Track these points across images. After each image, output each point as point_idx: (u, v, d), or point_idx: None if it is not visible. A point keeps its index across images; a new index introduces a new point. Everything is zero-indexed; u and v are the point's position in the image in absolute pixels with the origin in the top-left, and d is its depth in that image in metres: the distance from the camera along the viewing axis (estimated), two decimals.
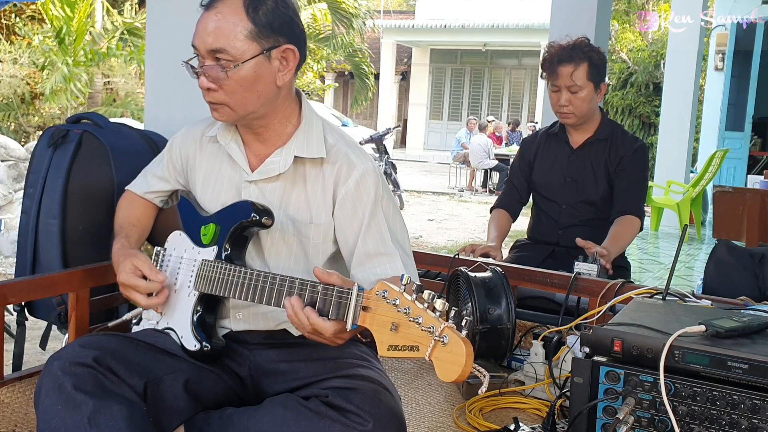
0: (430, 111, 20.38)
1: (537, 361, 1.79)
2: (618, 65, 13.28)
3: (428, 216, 9.17)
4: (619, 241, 2.34)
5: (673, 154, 7.75)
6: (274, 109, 1.43)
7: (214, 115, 1.43)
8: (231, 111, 1.39)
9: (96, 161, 1.95)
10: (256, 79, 1.37)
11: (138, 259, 1.43)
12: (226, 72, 1.35)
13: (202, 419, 1.37)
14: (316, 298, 1.21)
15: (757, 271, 2.03)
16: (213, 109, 1.41)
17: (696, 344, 1.22)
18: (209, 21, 1.35)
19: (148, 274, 1.41)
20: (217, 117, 1.43)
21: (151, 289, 1.41)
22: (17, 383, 1.60)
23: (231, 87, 1.36)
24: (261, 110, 1.41)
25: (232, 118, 1.42)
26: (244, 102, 1.38)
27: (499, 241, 2.50)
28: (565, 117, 2.47)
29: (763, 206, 3.69)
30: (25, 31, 10.28)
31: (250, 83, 1.37)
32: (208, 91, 1.38)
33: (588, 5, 4.01)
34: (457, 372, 1.02)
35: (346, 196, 1.42)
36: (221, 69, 1.35)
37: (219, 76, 1.35)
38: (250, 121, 1.44)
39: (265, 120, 1.44)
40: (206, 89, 1.38)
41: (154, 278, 1.41)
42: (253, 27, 1.35)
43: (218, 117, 1.42)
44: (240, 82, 1.36)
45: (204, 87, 1.38)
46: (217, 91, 1.37)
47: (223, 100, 1.38)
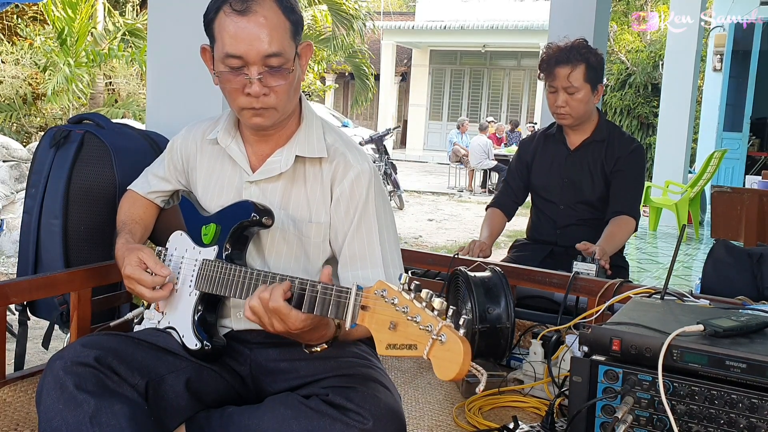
0: (430, 112, 20.38)
1: (536, 360, 1.80)
2: (616, 66, 13.29)
3: (428, 216, 9.18)
4: (614, 240, 2.35)
5: (672, 154, 7.76)
6: (294, 107, 1.45)
7: (256, 120, 1.38)
8: (276, 113, 1.38)
9: (98, 161, 1.96)
10: (299, 78, 1.39)
11: (143, 252, 1.43)
12: (285, 75, 1.33)
13: (203, 418, 1.38)
14: (316, 297, 1.21)
15: (755, 271, 2.04)
16: (257, 114, 1.37)
17: (694, 343, 1.22)
18: (255, 25, 1.31)
19: (153, 268, 1.42)
20: (260, 122, 1.39)
21: (155, 283, 1.42)
22: (19, 382, 1.60)
23: (283, 90, 1.35)
24: (289, 109, 1.42)
25: (273, 121, 1.40)
26: (288, 103, 1.39)
27: (490, 240, 2.52)
28: (562, 118, 2.48)
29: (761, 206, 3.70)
30: (27, 32, 10.29)
31: (296, 84, 1.38)
32: (261, 98, 1.34)
33: (587, 6, 4.03)
34: (455, 370, 1.02)
35: (340, 195, 1.42)
36: (280, 73, 1.33)
37: (276, 81, 1.33)
38: (280, 122, 1.42)
39: (286, 120, 1.44)
40: (260, 96, 1.34)
41: (158, 272, 1.42)
42: (291, 26, 1.35)
43: (261, 122, 1.39)
44: (291, 84, 1.36)
45: (258, 95, 1.34)
46: (269, 96, 1.35)
47: (273, 104, 1.36)
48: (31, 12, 11.26)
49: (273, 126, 1.43)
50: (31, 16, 11.41)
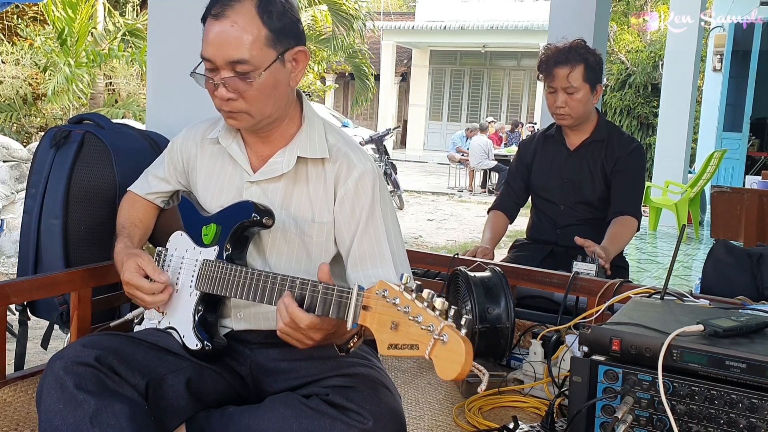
0: (430, 112, 20.39)
1: (536, 360, 1.80)
2: (616, 66, 13.30)
3: (428, 216, 9.18)
4: (618, 241, 2.35)
5: (672, 154, 7.77)
6: (285, 111, 1.44)
7: (231, 123, 1.41)
8: (250, 118, 1.39)
9: (98, 161, 1.96)
10: (276, 84, 1.37)
11: (142, 258, 1.44)
12: (250, 82, 1.33)
13: (203, 418, 1.38)
14: (317, 297, 1.21)
15: (755, 271, 2.04)
16: (230, 117, 1.39)
17: (694, 343, 1.22)
18: (225, 31, 1.32)
19: (152, 274, 1.42)
20: (235, 125, 1.41)
21: (154, 289, 1.42)
22: (19, 382, 1.60)
23: (252, 95, 1.35)
24: (276, 113, 1.42)
25: (249, 124, 1.41)
26: (263, 108, 1.38)
27: (492, 243, 2.51)
28: (562, 118, 2.48)
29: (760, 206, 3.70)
30: (27, 33, 10.30)
31: (270, 90, 1.36)
32: (227, 102, 1.36)
33: (587, 7, 4.02)
34: (457, 370, 1.02)
35: (345, 195, 1.42)
36: (244, 79, 1.33)
37: (242, 87, 1.34)
38: (263, 126, 1.43)
39: (277, 123, 1.44)
40: (226, 100, 1.36)
41: (157, 278, 1.42)
42: (269, 33, 1.34)
43: (236, 124, 1.41)
44: (261, 90, 1.35)
45: (224, 98, 1.35)
46: (237, 101, 1.36)
47: (244, 109, 1.37)
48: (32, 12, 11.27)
49: (257, 129, 1.44)
50: (32, 17, 11.42)
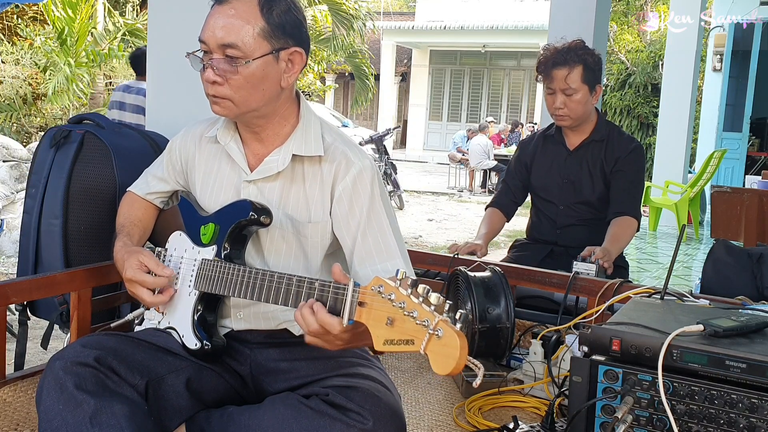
0: (430, 112, 20.39)
1: (536, 360, 1.80)
2: (616, 66, 13.30)
3: (428, 216, 9.18)
4: (619, 241, 2.35)
5: (672, 154, 7.77)
6: (275, 109, 1.44)
7: (215, 108, 1.42)
8: (233, 106, 1.40)
9: (98, 161, 1.96)
10: (263, 77, 1.38)
11: (143, 255, 1.44)
12: (236, 67, 1.35)
13: (203, 418, 1.38)
14: (313, 295, 1.21)
15: (755, 271, 2.04)
16: (214, 102, 1.41)
17: (694, 343, 1.22)
18: (222, 15, 1.35)
19: (155, 269, 1.42)
20: (218, 111, 1.42)
21: (158, 284, 1.42)
22: (19, 382, 1.60)
23: (238, 83, 1.36)
24: (262, 109, 1.42)
25: (232, 114, 1.42)
26: (248, 99, 1.39)
27: (486, 238, 2.51)
28: (561, 119, 2.48)
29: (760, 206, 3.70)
30: (27, 32, 10.29)
31: (257, 81, 1.37)
32: (213, 85, 1.38)
33: (587, 7, 4.03)
34: (452, 365, 1.02)
35: (343, 192, 1.42)
36: (231, 63, 1.35)
37: (227, 69, 1.35)
38: (249, 119, 1.44)
39: (265, 119, 1.45)
40: (211, 82, 1.38)
41: (160, 273, 1.42)
42: (266, 26, 1.36)
43: (218, 111, 1.42)
44: (248, 79, 1.36)
45: (210, 80, 1.37)
46: (222, 86, 1.37)
47: (227, 95, 1.38)
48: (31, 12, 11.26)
49: (245, 122, 1.45)
50: (31, 16, 11.41)
